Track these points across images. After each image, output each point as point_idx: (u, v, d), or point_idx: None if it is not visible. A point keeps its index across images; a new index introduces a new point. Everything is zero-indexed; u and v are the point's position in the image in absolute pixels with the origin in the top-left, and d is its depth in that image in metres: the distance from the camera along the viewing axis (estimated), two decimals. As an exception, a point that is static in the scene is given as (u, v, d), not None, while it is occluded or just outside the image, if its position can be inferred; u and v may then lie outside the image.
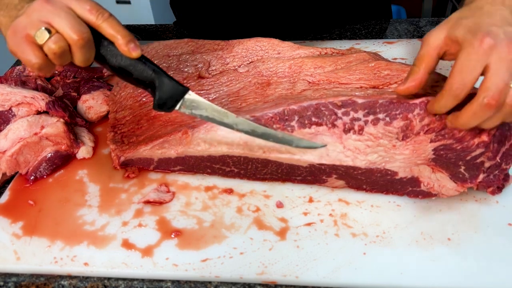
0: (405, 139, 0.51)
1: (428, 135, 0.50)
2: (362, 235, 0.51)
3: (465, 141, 0.49)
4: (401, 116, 0.50)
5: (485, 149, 0.49)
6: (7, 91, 0.63)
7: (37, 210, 0.56)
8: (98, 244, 0.52)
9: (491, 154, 0.50)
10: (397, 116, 0.50)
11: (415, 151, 0.51)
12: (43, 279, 0.50)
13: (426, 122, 0.50)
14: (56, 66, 0.51)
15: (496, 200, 0.54)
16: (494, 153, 0.50)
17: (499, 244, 0.50)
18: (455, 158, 0.51)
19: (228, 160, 0.56)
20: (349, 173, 0.54)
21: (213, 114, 0.51)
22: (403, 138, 0.51)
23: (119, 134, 0.63)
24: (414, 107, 0.50)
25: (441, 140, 0.50)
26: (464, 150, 0.50)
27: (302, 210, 0.55)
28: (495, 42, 0.43)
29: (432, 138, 0.50)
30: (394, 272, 0.47)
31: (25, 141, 0.60)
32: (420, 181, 0.53)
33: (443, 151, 0.50)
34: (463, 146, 0.49)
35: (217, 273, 0.48)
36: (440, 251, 0.49)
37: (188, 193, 0.58)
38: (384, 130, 0.51)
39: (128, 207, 0.56)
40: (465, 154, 0.50)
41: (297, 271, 0.48)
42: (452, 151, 0.50)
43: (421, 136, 0.50)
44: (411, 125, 0.50)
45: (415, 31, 0.92)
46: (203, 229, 0.53)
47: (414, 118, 0.50)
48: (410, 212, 0.54)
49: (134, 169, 0.61)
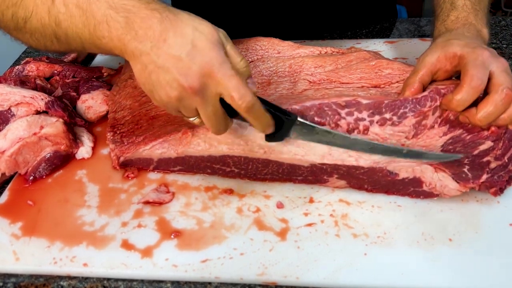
0: (415, 136, 0.50)
1: (442, 128, 0.49)
2: (363, 236, 0.51)
3: (475, 130, 0.49)
4: (413, 114, 0.50)
5: (494, 144, 0.49)
6: (6, 91, 0.63)
7: (36, 210, 0.56)
8: (97, 245, 0.51)
9: (500, 152, 0.49)
10: (407, 115, 0.50)
11: (424, 147, 0.50)
12: (42, 280, 0.50)
13: (438, 114, 0.49)
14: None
15: (497, 200, 0.54)
16: (503, 152, 0.49)
17: (501, 244, 0.49)
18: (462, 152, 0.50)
19: (229, 160, 0.56)
20: (350, 173, 0.54)
21: (326, 137, 0.51)
22: (414, 136, 0.50)
23: (119, 134, 0.62)
24: (425, 100, 0.49)
25: (452, 131, 0.49)
26: (474, 141, 0.49)
27: (302, 211, 0.54)
28: (491, 54, 0.50)
29: (445, 130, 0.49)
30: (395, 272, 0.47)
31: (24, 141, 0.59)
32: (422, 181, 0.53)
33: (451, 145, 0.50)
34: (473, 136, 0.49)
35: (217, 274, 0.48)
36: (441, 252, 0.49)
37: (188, 194, 0.57)
38: (393, 130, 0.50)
39: (127, 208, 0.56)
40: (474, 147, 0.49)
41: (298, 272, 0.48)
42: (461, 143, 0.49)
43: (435, 129, 0.49)
44: (426, 119, 0.49)
45: (416, 31, 0.92)
46: (203, 229, 0.53)
47: (428, 111, 0.49)
48: (411, 212, 0.53)
49: (134, 169, 0.61)
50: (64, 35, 0.49)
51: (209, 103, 0.46)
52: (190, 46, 0.44)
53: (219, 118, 0.47)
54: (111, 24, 0.45)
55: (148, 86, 0.46)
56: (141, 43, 0.44)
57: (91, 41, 0.47)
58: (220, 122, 0.48)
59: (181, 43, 0.44)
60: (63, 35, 0.49)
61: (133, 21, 0.44)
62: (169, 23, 0.45)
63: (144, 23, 0.44)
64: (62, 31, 0.48)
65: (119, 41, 0.45)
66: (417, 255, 0.49)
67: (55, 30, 0.49)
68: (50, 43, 0.51)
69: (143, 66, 0.45)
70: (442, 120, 0.49)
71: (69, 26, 0.47)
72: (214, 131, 0.49)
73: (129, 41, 0.45)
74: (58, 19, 0.47)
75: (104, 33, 0.45)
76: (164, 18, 0.45)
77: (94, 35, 0.46)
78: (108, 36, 0.45)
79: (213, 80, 0.44)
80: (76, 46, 0.50)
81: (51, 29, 0.49)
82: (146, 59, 0.45)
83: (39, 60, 0.77)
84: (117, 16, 0.45)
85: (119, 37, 0.45)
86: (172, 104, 0.46)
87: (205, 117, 0.47)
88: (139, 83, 0.47)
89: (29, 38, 0.52)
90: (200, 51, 0.44)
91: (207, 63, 0.44)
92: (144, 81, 0.46)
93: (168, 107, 0.47)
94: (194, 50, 0.44)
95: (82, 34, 0.47)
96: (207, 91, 0.45)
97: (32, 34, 0.51)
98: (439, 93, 0.49)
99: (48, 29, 0.49)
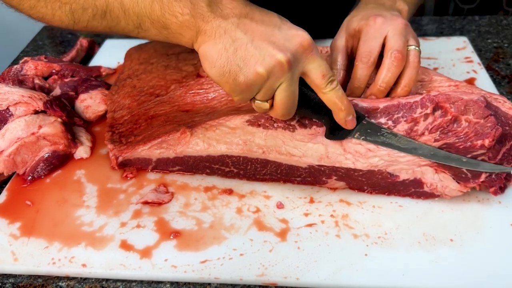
0: None
1: (433, 135, 0.49)
2: (364, 236, 0.51)
3: (468, 140, 0.48)
4: (405, 119, 0.49)
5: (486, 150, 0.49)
6: (5, 90, 0.62)
7: (34, 210, 0.56)
8: (96, 245, 0.51)
9: (491, 154, 0.49)
10: (400, 119, 0.50)
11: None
12: (41, 280, 0.50)
13: (430, 121, 0.49)
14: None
15: (498, 200, 0.53)
16: (494, 153, 0.49)
17: (502, 244, 0.49)
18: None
19: (227, 160, 0.56)
20: (349, 175, 0.53)
21: (390, 139, 0.50)
22: None
23: (117, 133, 0.62)
24: (416, 105, 0.49)
25: (445, 139, 0.49)
26: (467, 150, 0.49)
27: (303, 211, 0.54)
28: (385, 19, 0.53)
29: (436, 137, 0.49)
30: (396, 273, 0.47)
31: (23, 141, 0.59)
32: (423, 183, 0.52)
33: (446, 149, 0.50)
34: (466, 146, 0.49)
35: (217, 274, 0.48)
36: (442, 252, 0.48)
37: (187, 194, 0.57)
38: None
39: (126, 208, 0.55)
40: (467, 153, 0.49)
41: (298, 273, 0.47)
42: (455, 149, 0.49)
43: (425, 136, 0.49)
44: (417, 125, 0.49)
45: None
46: (203, 230, 0.52)
47: (419, 118, 0.49)
48: (412, 212, 0.53)
49: (133, 169, 0.60)
50: (120, 9, 0.44)
51: (294, 81, 0.45)
52: (280, 23, 0.44)
53: (295, 99, 0.46)
54: (194, 1, 0.42)
55: (229, 67, 0.43)
56: (227, 20, 0.42)
57: (160, 18, 0.43)
58: (294, 103, 0.46)
59: (269, 21, 0.44)
60: (118, 9, 0.44)
61: (218, 1, 0.43)
62: (254, 6, 0.45)
63: (230, 3, 0.43)
64: (119, 4, 0.43)
65: (202, 19, 0.42)
66: (418, 256, 0.48)
67: (109, 2, 0.44)
68: (89, 17, 0.45)
69: (226, 44, 0.42)
70: (433, 127, 0.49)
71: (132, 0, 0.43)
72: (284, 113, 0.46)
73: (213, 18, 0.42)
74: None
75: (184, 9, 0.42)
76: (248, 2, 0.45)
77: (168, 11, 0.43)
78: (189, 13, 0.42)
79: (307, 56, 0.44)
80: (125, 25, 0.45)
81: (104, 0, 0.44)
82: (232, 35, 0.42)
83: (38, 59, 0.76)
84: None
85: (202, 15, 0.42)
86: (258, 83, 0.43)
87: (285, 95, 0.45)
88: (214, 69, 0.43)
89: (58, 9, 0.45)
90: (291, 28, 0.44)
91: (305, 39, 0.44)
92: (225, 62, 0.43)
93: (250, 89, 0.44)
94: (285, 26, 0.44)
95: (148, 9, 0.43)
96: (296, 68, 0.44)
97: (66, 4, 0.45)
98: (431, 100, 0.49)
99: (100, 0, 0.44)
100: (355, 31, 0.55)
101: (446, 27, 0.93)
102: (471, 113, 0.48)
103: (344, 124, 0.48)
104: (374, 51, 0.52)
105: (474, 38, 0.87)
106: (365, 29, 0.53)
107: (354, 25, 0.55)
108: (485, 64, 0.79)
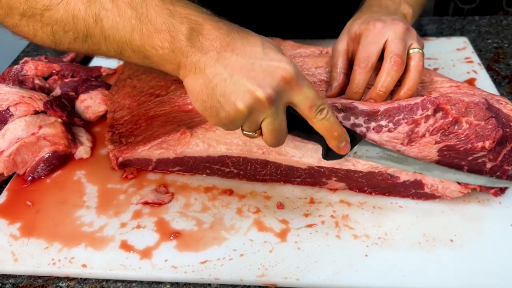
0: (410, 143, 0.50)
1: (433, 136, 0.49)
2: (364, 237, 0.51)
3: (469, 142, 0.48)
4: (406, 121, 0.49)
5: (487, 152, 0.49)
6: (5, 90, 0.62)
7: (35, 211, 0.56)
8: (96, 246, 0.51)
9: (492, 156, 0.49)
10: (401, 121, 0.50)
11: (420, 153, 0.50)
12: (41, 281, 0.50)
13: (431, 123, 0.49)
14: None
15: (499, 201, 0.53)
16: (495, 155, 0.49)
17: (502, 245, 0.49)
18: (458, 159, 0.50)
19: (227, 160, 0.56)
20: (349, 176, 0.53)
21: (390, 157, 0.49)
22: (408, 143, 0.50)
23: (117, 134, 0.62)
24: (417, 107, 0.49)
25: (445, 141, 0.49)
26: (468, 152, 0.49)
27: (303, 212, 0.54)
28: (385, 24, 0.53)
29: (437, 139, 0.49)
30: (396, 274, 0.47)
31: (23, 141, 0.59)
32: (423, 184, 0.52)
33: (446, 151, 0.50)
34: (466, 148, 0.49)
35: (217, 275, 0.48)
36: (442, 253, 0.48)
37: (187, 194, 0.57)
38: (389, 137, 0.50)
39: (126, 208, 0.55)
40: (468, 155, 0.49)
41: (298, 273, 0.47)
42: (456, 151, 0.49)
43: (426, 138, 0.49)
44: (418, 127, 0.49)
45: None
46: (203, 230, 0.52)
47: (420, 119, 0.49)
48: (412, 213, 0.53)
49: (133, 170, 0.60)
50: (100, 35, 0.42)
51: (279, 114, 0.42)
52: (262, 53, 0.41)
53: (283, 130, 0.44)
54: (173, 34, 0.41)
55: (211, 102, 0.42)
56: (206, 55, 0.41)
57: (140, 48, 0.42)
58: (283, 134, 0.44)
59: (251, 52, 0.41)
60: (99, 34, 0.42)
61: (198, 32, 0.41)
62: (236, 34, 0.42)
63: (210, 34, 0.41)
64: (100, 30, 0.42)
65: (181, 53, 0.41)
66: (418, 256, 0.48)
67: (89, 27, 0.42)
68: (71, 40, 0.44)
69: (206, 80, 0.41)
70: (434, 129, 0.49)
71: (112, 27, 0.42)
72: (273, 143, 0.45)
73: (193, 53, 0.41)
74: (100, 15, 0.42)
75: (163, 43, 0.41)
76: (231, 30, 0.42)
77: (148, 44, 0.41)
78: (169, 47, 0.41)
79: (291, 89, 0.42)
80: (107, 51, 0.44)
81: (85, 25, 0.42)
82: (211, 71, 0.41)
83: (38, 59, 0.76)
84: (180, 27, 0.41)
85: (181, 49, 0.41)
86: (239, 118, 0.42)
87: (270, 129, 0.43)
88: (197, 103, 0.43)
89: (40, 29, 0.44)
90: (272, 59, 0.41)
91: (287, 71, 0.41)
92: (206, 98, 0.42)
93: (233, 123, 0.43)
94: (267, 57, 0.41)
95: (128, 38, 0.42)
96: (280, 101, 0.42)
97: (48, 25, 0.44)
98: (432, 102, 0.49)
99: (80, 24, 0.42)
100: (356, 35, 0.55)
101: (446, 27, 0.93)
102: (472, 115, 0.48)
103: (337, 150, 0.47)
104: (373, 56, 0.52)
105: (474, 38, 0.87)
106: (365, 34, 0.54)
107: (355, 29, 0.55)
108: (485, 64, 0.79)
